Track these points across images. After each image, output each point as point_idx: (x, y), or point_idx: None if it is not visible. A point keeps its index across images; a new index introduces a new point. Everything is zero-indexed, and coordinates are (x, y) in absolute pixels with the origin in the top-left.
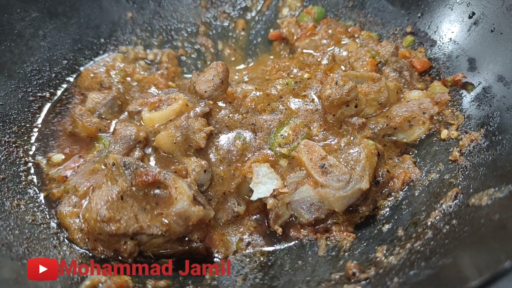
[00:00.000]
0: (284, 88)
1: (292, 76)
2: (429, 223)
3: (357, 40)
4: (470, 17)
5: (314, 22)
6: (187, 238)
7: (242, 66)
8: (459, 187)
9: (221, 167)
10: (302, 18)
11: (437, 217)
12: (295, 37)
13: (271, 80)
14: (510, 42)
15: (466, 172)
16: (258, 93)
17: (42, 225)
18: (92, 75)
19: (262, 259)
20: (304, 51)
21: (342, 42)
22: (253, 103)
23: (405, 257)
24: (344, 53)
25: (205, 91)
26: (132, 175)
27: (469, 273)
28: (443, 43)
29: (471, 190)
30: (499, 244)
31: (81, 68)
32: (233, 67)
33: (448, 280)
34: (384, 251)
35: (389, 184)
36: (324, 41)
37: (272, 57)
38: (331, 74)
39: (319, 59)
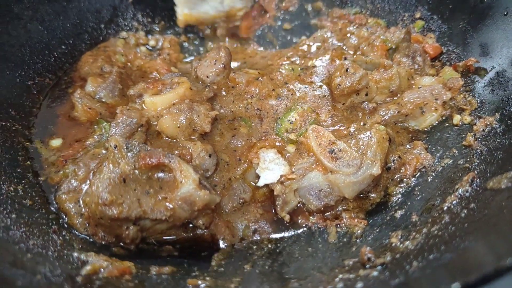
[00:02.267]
0: (290, 74)
1: (297, 63)
2: (445, 208)
3: (363, 29)
4: (481, 2)
5: None
6: (191, 225)
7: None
8: (475, 171)
9: (226, 153)
10: None
11: (454, 202)
12: None
13: (274, 65)
14: None
15: (482, 157)
16: (261, 78)
17: (40, 210)
18: (92, 60)
19: (270, 246)
20: (306, 43)
21: (348, 29)
22: (257, 89)
23: (423, 242)
24: (354, 39)
25: (207, 76)
26: (135, 158)
27: (496, 253)
28: (453, 28)
29: (488, 174)
30: None
31: (81, 53)
32: (234, 53)
33: (473, 261)
34: (399, 237)
35: (401, 171)
36: (329, 34)
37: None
38: (338, 61)
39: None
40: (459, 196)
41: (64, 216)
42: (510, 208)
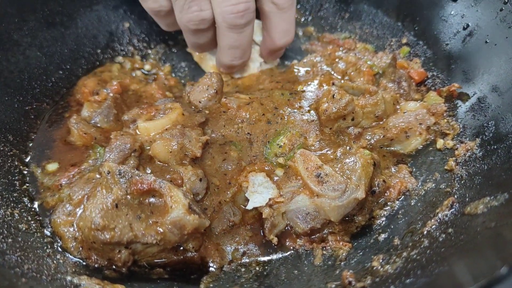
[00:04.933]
0: (280, 99)
1: (287, 88)
2: (425, 232)
3: (351, 54)
4: (464, 29)
5: None
6: (182, 248)
7: (237, 76)
8: (455, 196)
9: (216, 176)
10: None
11: (433, 226)
12: None
13: (264, 90)
14: (504, 53)
15: (462, 181)
16: (252, 103)
17: (35, 234)
18: (89, 84)
19: (257, 268)
20: (296, 67)
21: (337, 54)
22: (247, 113)
23: (402, 266)
24: (342, 64)
25: (200, 102)
26: (127, 183)
27: (465, 280)
28: (438, 54)
29: (467, 199)
30: (495, 252)
31: (78, 78)
32: (227, 76)
33: (444, 287)
34: (381, 260)
35: (385, 194)
36: (318, 59)
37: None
38: (326, 86)
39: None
40: (438, 220)
41: (59, 240)
42: (483, 234)
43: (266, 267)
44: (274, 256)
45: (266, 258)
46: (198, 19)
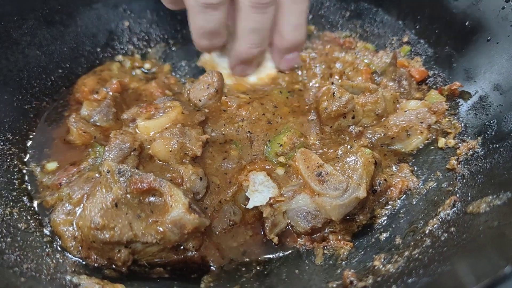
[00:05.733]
0: (279, 98)
1: (285, 86)
2: (427, 231)
3: (350, 53)
4: (466, 27)
5: None
6: (182, 247)
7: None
8: (457, 195)
9: (217, 175)
10: None
11: (435, 225)
12: None
13: (264, 89)
14: (506, 51)
15: (464, 180)
16: (252, 102)
17: (35, 233)
18: (88, 83)
19: (258, 268)
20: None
21: (335, 54)
22: (247, 112)
23: (403, 265)
24: (339, 65)
25: (200, 100)
26: (127, 182)
27: (468, 280)
28: (439, 52)
29: (469, 198)
30: (498, 251)
31: (77, 77)
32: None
33: (446, 287)
34: (382, 260)
35: (387, 193)
36: (313, 55)
37: None
38: (326, 85)
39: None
40: (440, 219)
41: (58, 239)
42: (486, 233)
43: (267, 267)
44: (275, 256)
45: (266, 258)
46: None
